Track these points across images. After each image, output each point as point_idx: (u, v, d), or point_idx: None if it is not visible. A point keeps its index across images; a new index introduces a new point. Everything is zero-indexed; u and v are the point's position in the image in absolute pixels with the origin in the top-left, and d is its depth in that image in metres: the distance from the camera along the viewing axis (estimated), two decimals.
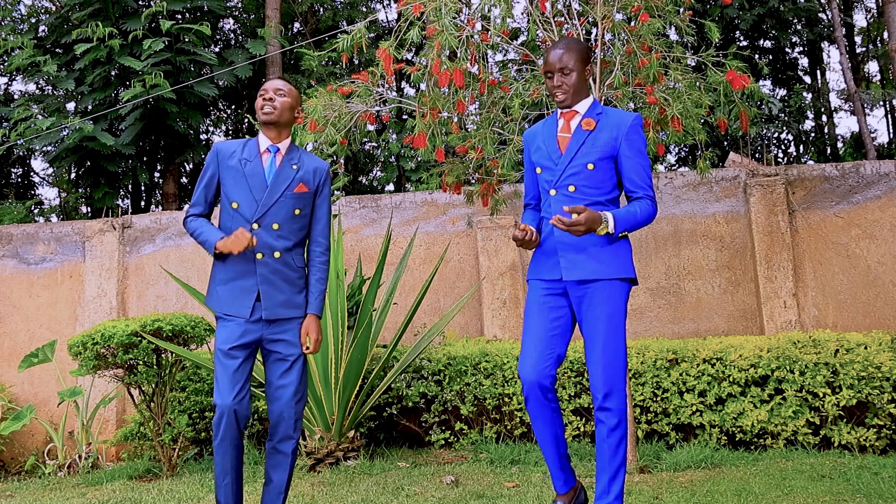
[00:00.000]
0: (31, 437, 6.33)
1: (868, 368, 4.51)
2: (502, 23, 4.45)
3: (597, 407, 2.65)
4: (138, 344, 4.86)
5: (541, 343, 2.69)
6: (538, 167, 2.80)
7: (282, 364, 2.89)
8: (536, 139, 2.86)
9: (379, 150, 12.09)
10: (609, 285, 2.65)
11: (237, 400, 2.81)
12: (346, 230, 6.43)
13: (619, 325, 2.65)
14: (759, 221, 5.99)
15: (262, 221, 2.87)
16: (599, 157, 2.69)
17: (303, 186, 2.94)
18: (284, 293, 2.89)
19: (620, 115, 2.76)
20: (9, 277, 6.63)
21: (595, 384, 2.64)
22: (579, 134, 2.74)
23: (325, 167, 3.04)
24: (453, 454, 5.03)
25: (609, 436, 2.63)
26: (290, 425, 2.88)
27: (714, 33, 4.38)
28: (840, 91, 14.42)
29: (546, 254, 2.75)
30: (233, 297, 2.86)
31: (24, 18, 11.28)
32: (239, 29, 12.81)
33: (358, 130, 4.79)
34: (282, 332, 2.89)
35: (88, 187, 10.13)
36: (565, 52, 2.73)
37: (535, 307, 2.75)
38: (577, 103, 2.78)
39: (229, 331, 2.85)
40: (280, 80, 3.01)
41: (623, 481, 2.65)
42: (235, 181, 2.91)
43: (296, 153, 3.00)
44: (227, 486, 2.87)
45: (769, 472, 4.00)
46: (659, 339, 5.22)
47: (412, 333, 6.00)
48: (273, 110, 2.92)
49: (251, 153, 2.95)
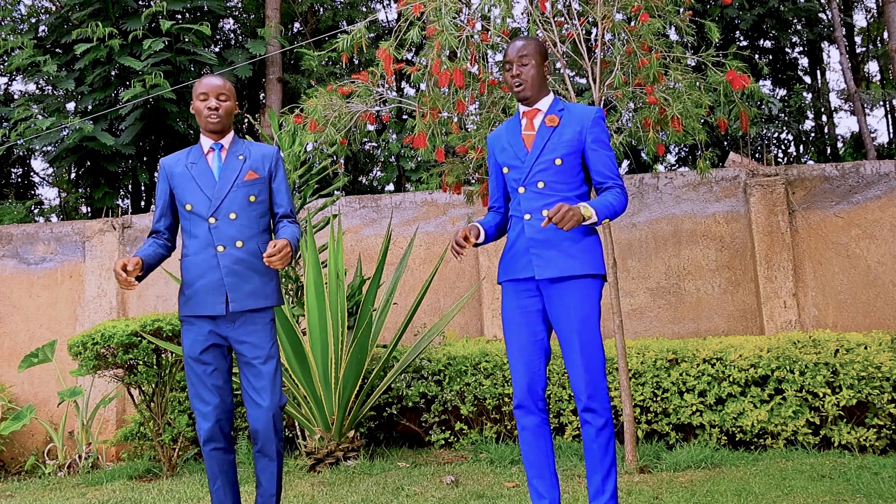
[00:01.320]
0: (31, 437, 6.33)
1: (868, 368, 4.51)
2: (502, 23, 4.45)
3: (581, 408, 2.64)
4: (138, 344, 4.86)
5: (528, 349, 2.70)
6: (505, 167, 2.82)
7: (250, 368, 2.81)
8: (501, 140, 2.88)
9: (379, 150, 12.09)
10: (581, 283, 2.65)
11: (217, 405, 2.79)
12: (346, 230, 6.43)
13: (595, 324, 2.65)
14: (759, 221, 5.99)
15: (218, 214, 2.84)
16: (566, 152, 2.72)
17: (252, 174, 2.90)
18: (252, 283, 2.82)
19: (582, 109, 2.79)
20: (9, 277, 6.63)
21: (577, 385, 2.63)
22: (544, 131, 2.76)
23: (272, 151, 3.00)
24: (453, 454, 5.03)
25: (598, 436, 2.62)
26: (269, 430, 2.79)
27: (714, 33, 4.38)
28: (840, 91, 14.42)
29: (517, 253, 2.74)
30: (203, 296, 2.80)
31: (24, 18, 11.27)
32: (239, 29, 12.81)
33: (358, 130, 4.79)
34: (246, 332, 2.81)
35: (88, 187, 10.13)
36: (524, 44, 2.78)
37: (516, 313, 2.74)
38: (538, 101, 2.80)
39: (193, 336, 2.81)
40: (219, 78, 2.95)
41: (616, 478, 2.64)
42: (186, 185, 2.88)
43: (241, 145, 2.97)
44: (217, 491, 2.84)
45: (769, 472, 4.00)
46: (659, 339, 5.22)
47: (412, 333, 6.01)
48: (219, 119, 2.89)
49: (196, 156, 2.93)
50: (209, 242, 2.83)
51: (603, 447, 2.62)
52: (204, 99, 2.90)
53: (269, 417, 2.79)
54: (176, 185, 2.91)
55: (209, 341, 2.80)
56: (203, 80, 2.94)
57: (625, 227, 6.19)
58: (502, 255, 2.83)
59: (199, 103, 2.91)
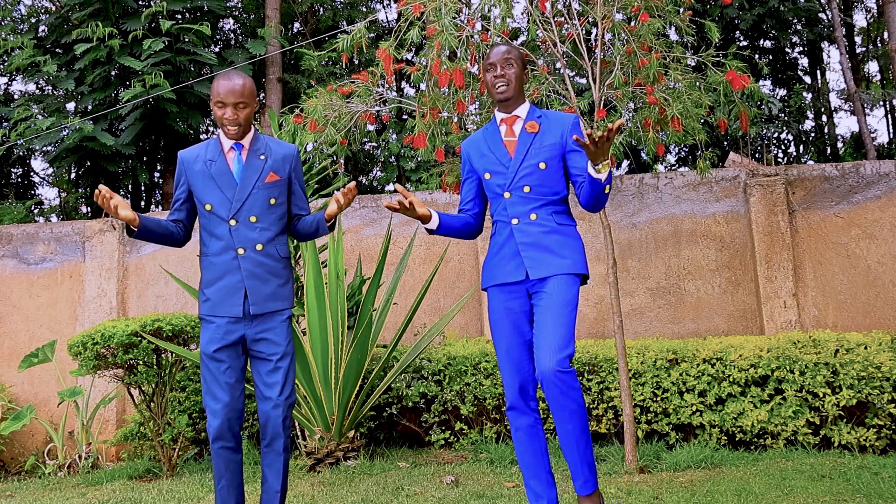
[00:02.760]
0: (31, 437, 6.33)
1: (868, 368, 4.51)
2: (502, 23, 4.45)
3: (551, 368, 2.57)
4: (138, 344, 4.86)
5: (517, 350, 2.75)
6: (487, 173, 2.87)
7: (265, 364, 2.84)
8: (480, 147, 2.93)
9: (379, 150, 12.09)
10: (565, 278, 2.70)
11: (228, 403, 2.79)
12: (346, 230, 6.43)
13: (572, 311, 2.66)
14: (759, 221, 5.99)
15: (239, 217, 2.84)
16: (549, 156, 2.80)
17: (273, 175, 2.89)
18: (270, 286, 2.85)
19: (560, 116, 2.88)
20: (9, 277, 6.63)
21: (543, 355, 2.58)
22: (525, 137, 2.84)
23: (293, 151, 2.98)
24: (453, 454, 5.03)
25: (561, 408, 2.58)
26: (278, 425, 2.83)
27: (714, 33, 4.38)
28: (840, 91, 14.43)
29: (505, 257, 2.79)
30: (222, 298, 2.83)
31: (24, 18, 11.27)
32: (239, 29, 12.81)
33: (358, 130, 4.79)
34: (265, 330, 2.84)
35: (88, 187, 10.14)
36: (508, 48, 2.87)
37: (503, 316, 2.78)
38: (517, 107, 2.88)
39: (211, 333, 2.82)
40: (236, 78, 2.82)
41: (592, 454, 2.63)
42: (205, 184, 2.87)
43: (261, 143, 2.93)
44: (222, 490, 2.85)
45: (769, 472, 4.00)
46: (659, 339, 5.22)
47: (412, 333, 6.00)
48: (238, 128, 2.84)
49: (214, 153, 2.89)
50: (229, 244, 2.84)
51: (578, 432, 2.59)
52: (221, 107, 2.81)
53: (279, 412, 2.82)
54: (194, 183, 2.90)
55: (226, 340, 2.82)
56: (221, 83, 2.80)
57: (625, 227, 6.19)
58: (487, 260, 2.87)
59: (217, 110, 2.83)
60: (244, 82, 2.82)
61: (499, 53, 2.85)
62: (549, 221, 2.77)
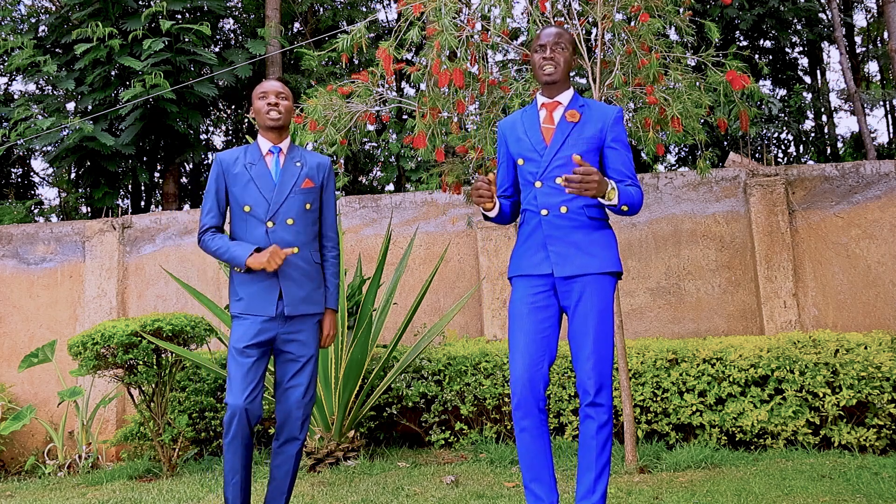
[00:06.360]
0: (31, 437, 6.33)
1: (868, 368, 4.51)
2: (502, 23, 4.45)
3: (586, 403, 2.58)
4: (138, 344, 4.85)
5: (533, 345, 2.63)
6: (520, 158, 2.75)
7: (293, 365, 2.93)
8: (516, 130, 2.80)
9: (379, 150, 12.09)
10: (598, 280, 2.62)
11: (249, 399, 2.82)
12: (346, 230, 6.43)
13: (609, 320, 2.62)
14: (759, 221, 5.99)
15: (276, 219, 2.92)
16: (586, 149, 2.67)
17: (309, 182, 3.00)
18: (305, 289, 2.93)
19: (603, 107, 2.75)
20: (9, 277, 6.63)
21: (585, 380, 2.58)
22: (564, 125, 2.71)
23: (327, 162, 3.11)
24: (453, 454, 5.03)
25: (598, 433, 2.57)
26: (297, 426, 2.91)
27: (714, 33, 4.38)
28: (840, 91, 14.42)
29: (532, 248, 2.69)
30: (256, 297, 2.89)
31: (24, 18, 11.27)
32: (239, 29, 12.81)
33: (358, 130, 4.79)
34: (296, 331, 2.92)
35: (88, 187, 10.13)
36: (561, 31, 2.75)
37: (524, 307, 2.66)
38: (561, 92, 2.76)
39: (244, 329, 2.87)
40: (277, 81, 3.07)
41: (608, 480, 2.60)
42: (244, 186, 2.95)
43: (297, 151, 3.07)
44: (235, 485, 2.88)
45: (769, 472, 4.00)
46: (659, 339, 5.21)
47: (412, 333, 6.01)
48: (280, 115, 2.99)
49: (254, 156, 3.00)
50: (266, 247, 2.89)
51: (601, 445, 2.58)
52: (263, 97, 2.99)
53: (300, 413, 2.91)
54: (233, 185, 2.98)
55: (258, 338, 2.87)
56: (263, 83, 3.06)
57: (625, 227, 6.19)
58: (515, 249, 2.78)
59: (259, 102, 3.00)
60: (282, 83, 3.08)
61: (550, 35, 2.72)
62: (580, 215, 2.65)
